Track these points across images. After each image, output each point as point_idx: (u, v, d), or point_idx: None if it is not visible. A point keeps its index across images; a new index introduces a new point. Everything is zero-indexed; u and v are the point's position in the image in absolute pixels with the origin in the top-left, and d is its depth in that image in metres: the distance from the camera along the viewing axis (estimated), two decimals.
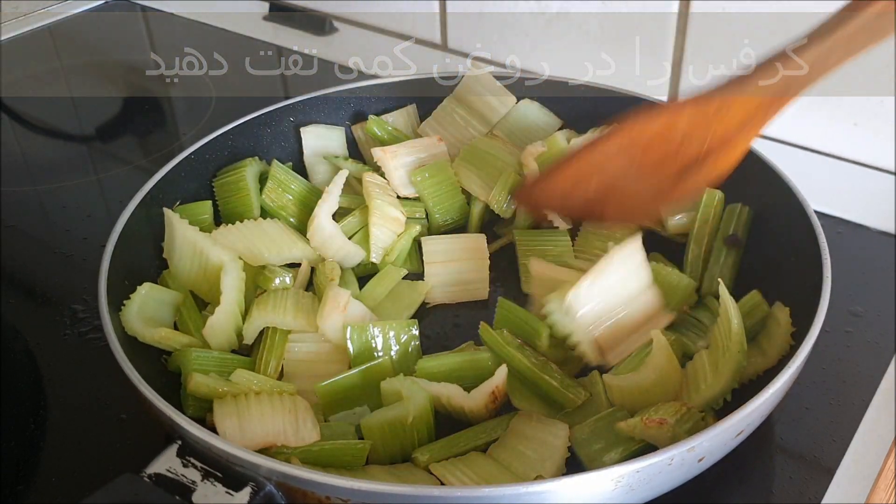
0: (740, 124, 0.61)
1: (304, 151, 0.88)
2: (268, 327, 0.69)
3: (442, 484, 0.56)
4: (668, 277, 0.69)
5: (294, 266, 0.75)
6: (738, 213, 0.75)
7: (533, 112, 0.89)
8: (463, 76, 0.90)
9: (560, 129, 0.89)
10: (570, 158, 0.69)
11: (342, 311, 0.67)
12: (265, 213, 0.80)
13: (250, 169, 0.81)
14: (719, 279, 0.65)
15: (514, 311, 0.67)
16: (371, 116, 0.88)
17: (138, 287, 0.67)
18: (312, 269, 0.76)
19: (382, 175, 0.82)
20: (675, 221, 0.77)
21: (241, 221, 0.76)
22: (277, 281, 0.71)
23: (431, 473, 0.58)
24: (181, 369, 0.64)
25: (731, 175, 0.77)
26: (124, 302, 0.66)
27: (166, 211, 0.74)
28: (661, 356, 0.61)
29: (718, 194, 0.75)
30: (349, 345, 0.66)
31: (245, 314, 0.69)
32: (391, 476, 0.58)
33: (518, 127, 0.89)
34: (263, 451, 0.57)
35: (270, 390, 0.61)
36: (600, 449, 0.58)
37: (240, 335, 0.69)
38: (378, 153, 0.82)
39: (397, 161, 0.82)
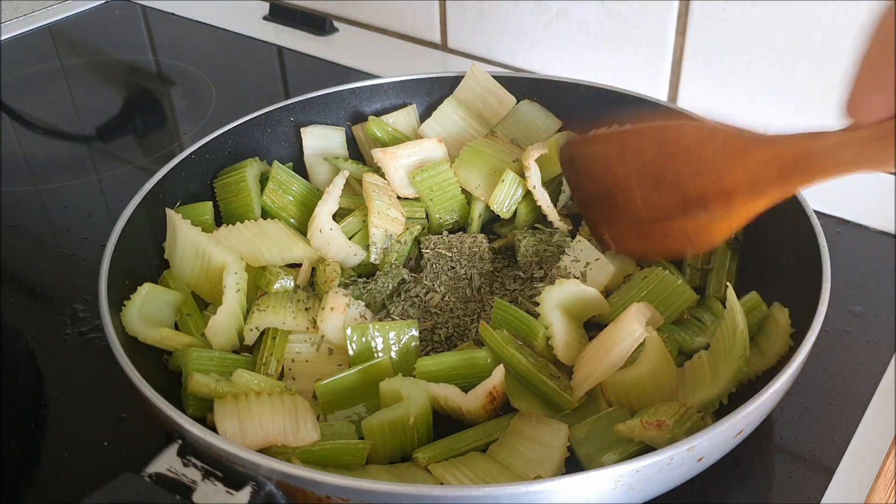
0: (752, 182, 0.58)
1: (305, 151, 0.88)
2: (268, 328, 0.69)
3: (442, 484, 0.56)
4: (671, 284, 0.69)
5: (295, 266, 0.75)
6: None
7: (533, 113, 0.89)
8: (463, 77, 0.90)
9: (560, 129, 0.89)
10: (616, 131, 0.69)
11: (342, 311, 0.67)
12: (266, 214, 0.80)
13: (250, 169, 0.81)
14: (727, 283, 0.65)
15: (510, 310, 0.67)
16: (371, 117, 0.88)
17: (139, 287, 0.67)
18: (313, 269, 0.76)
19: (382, 176, 0.82)
20: None
21: (242, 222, 0.76)
22: (279, 284, 0.71)
23: (431, 473, 0.58)
24: (182, 369, 0.64)
25: None
26: (125, 302, 0.66)
27: (168, 211, 0.74)
28: (654, 351, 0.61)
29: None
30: (349, 345, 0.66)
31: (246, 314, 0.69)
32: (391, 476, 0.58)
33: (518, 127, 0.89)
34: (264, 450, 0.57)
35: (271, 390, 0.61)
36: (599, 449, 0.58)
37: (241, 335, 0.69)
38: (378, 154, 0.82)
39: (397, 162, 0.82)
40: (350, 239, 0.77)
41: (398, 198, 0.81)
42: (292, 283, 0.72)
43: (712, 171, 0.61)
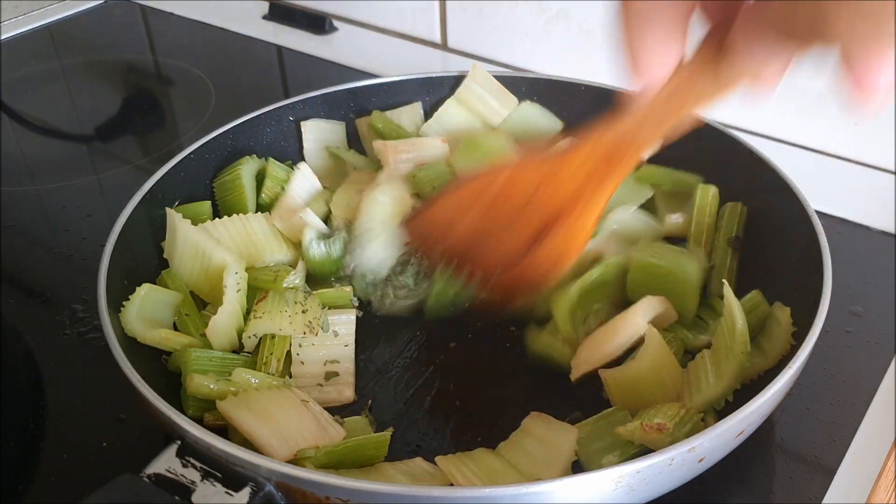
0: (587, 176, 0.57)
1: (304, 145, 0.88)
2: None
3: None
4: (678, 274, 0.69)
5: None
6: (739, 212, 0.75)
7: (535, 114, 0.89)
8: (464, 77, 0.90)
9: (562, 130, 0.89)
10: (434, 197, 0.66)
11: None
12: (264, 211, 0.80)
13: (246, 168, 0.81)
14: (724, 280, 0.65)
15: None
16: (375, 112, 0.87)
17: (137, 288, 0.67)
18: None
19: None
20: (672, 221, 0.77)
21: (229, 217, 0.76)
22: (287, 282, 0.70)
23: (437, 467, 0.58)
24: (181, 370, 0.64)
25: (731, 175, 0.78)
26: (123, 303, 0.66)
27: (168, 210, 0.74)
28: (654, 348, 0.61)
29: (713, 189, 0.75)
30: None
31: (247, 315, 0.69)
32: (396, 472, 0.58)
33: (520, 129, 0.88)
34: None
35: (269, 386, 0.61)
36: (600, 450, 0.58)
37: (241, 335, 0.68)
38: (379, 145, 0.81)
39: (398, 156, 0.81)
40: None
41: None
42: (298, 280, 0.71)
43: (540, 194, 0.59)
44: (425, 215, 0.66)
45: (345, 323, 0.70)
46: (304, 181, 0.80)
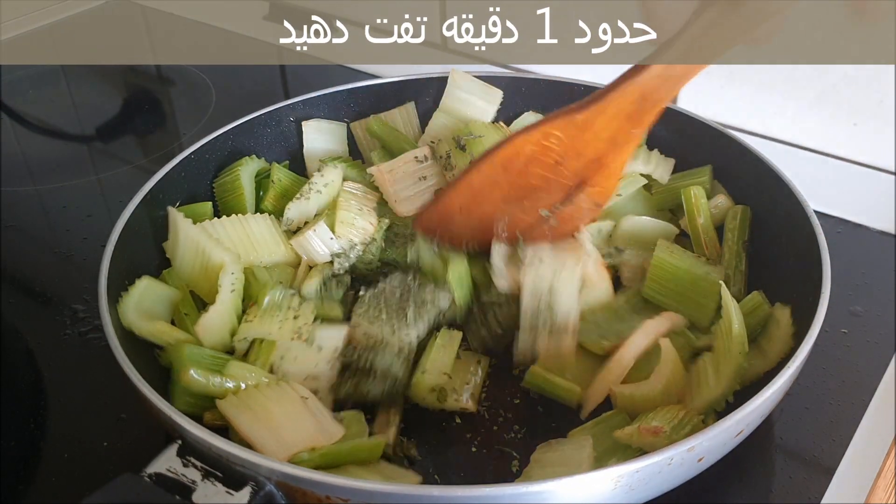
0: (611, 138, 0.63)
1: (305, 144, 0.88)
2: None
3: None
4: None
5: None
6: (749, 216, 0.74)
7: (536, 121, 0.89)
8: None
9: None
10: (452, 184, 0.69)
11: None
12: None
13: (245, 168, 0.81)
14: (721, 281, 0.65)
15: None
16: (372, 116, 0.87)
17: (137, 280, 0.67)
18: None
19: (376, 188, 0.81)
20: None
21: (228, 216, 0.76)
22: (275, 296, 0.68)
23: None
24: (173, 364, 0.63)
25: (731, 175, 0.78)
26: (122, 293, 0.65)
27: (170, 209, 0.73)
28: (670, 366, 0.61)
29: (695, 190, 0.74)
30: None
31: (242, 316, 0.69)
32: (398, 475, 0.58)
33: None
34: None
35: (280, 386, 0.61)
36: (600, 454, 0.58)
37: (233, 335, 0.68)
38: (374, 171, 0.81)
39: (394, 177, 0.81)
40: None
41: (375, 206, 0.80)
42: (281, 295, 0.69)
43: (569, 156, 0.64)
44: (449, 199, 0.69)
45: (332, 338, 0.67)
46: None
